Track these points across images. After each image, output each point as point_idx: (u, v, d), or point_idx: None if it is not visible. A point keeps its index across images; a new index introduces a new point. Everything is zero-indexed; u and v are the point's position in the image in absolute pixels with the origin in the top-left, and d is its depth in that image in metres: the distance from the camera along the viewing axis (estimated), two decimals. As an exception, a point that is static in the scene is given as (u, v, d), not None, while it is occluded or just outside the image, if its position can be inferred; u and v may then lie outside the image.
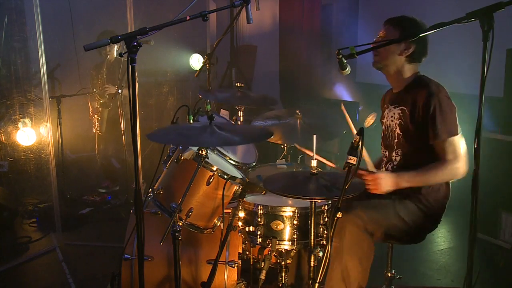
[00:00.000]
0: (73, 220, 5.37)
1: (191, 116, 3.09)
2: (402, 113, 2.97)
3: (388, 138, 3.12)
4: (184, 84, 7.51)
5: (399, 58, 2.97)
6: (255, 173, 3.50)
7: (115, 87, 5.79)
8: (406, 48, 2.94)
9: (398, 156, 3.04)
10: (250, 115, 4.44)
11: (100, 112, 5.94)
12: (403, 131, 2.98)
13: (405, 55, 2.95)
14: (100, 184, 6.30)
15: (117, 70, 5.92)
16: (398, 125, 3.00)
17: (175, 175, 2.88)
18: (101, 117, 5.98)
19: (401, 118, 2.98)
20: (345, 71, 2.67)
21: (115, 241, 4.59)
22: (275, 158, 3.83)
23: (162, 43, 6.09)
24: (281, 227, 2.83)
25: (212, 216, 2.87)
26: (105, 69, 5.88)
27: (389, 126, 3.09)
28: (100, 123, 6.00)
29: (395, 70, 3.01)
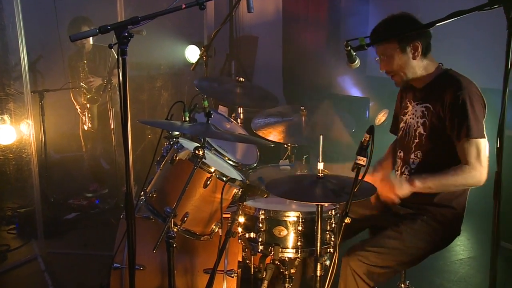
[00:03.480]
0: (57, 226, 5.37)
1: (187, 113, 3.10)
2: (427, 111, 2.95)
3: (406, 138, 3.09)
4: (179, 78, 7.51)
5: (415, 62, 2.94)
6: (256, 174, 3.51)
7: (101, 78, 5.77)
8: (414, 50, 2.92)
9: (417, 158, 3.00)
10: (250, 112, 4.45)
11: (89, 108, 5.94)
12: (426, 130, 2.95)
13: (419, 55, 2.93)
14: (87, 187, 6.31)
15: (98, 59, 5.90)
16: (422, 124, 2.97)
17: (170, 177, 2.89)
18: (92, 113, 5.97)
19: (425, 117, 2.96)
20: (354, 64, 2.68)
21: (103, 249, 4.60)
22: (277, 159, 3.84)
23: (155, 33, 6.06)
24: (285, 233, 2.84)
25: (210, 221, 2.88)
26: (85, 60, 5.85)
27: (410, 124, 3.07)
28: (91, 120, 5.99)
29: (417, 73, 2.98)
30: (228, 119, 4.05)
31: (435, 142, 2.93)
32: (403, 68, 2.95)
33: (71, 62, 6.01)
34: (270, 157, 4.77)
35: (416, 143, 3.01)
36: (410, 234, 2.89)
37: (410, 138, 3.05)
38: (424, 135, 2.96)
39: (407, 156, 3.07)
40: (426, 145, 2.96)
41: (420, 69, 2.97)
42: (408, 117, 3.10)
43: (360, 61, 2.66)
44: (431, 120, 2.92)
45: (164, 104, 7.24)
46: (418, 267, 2.98)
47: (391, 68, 2.97)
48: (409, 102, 3.12)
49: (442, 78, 2.96)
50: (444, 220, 2.95)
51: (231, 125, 4.01)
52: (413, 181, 2.79)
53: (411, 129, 3.06)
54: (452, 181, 2.79)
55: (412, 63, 2.94)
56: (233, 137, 3.23)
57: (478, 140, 2.75)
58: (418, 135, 2.99)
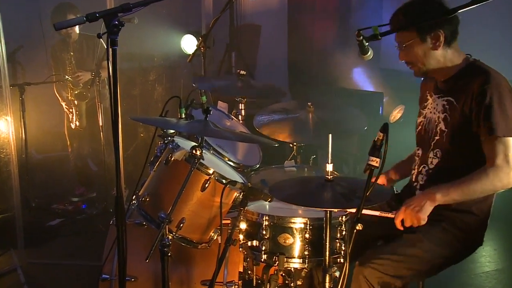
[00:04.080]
0: (39, 233, 5.36)
1: (183, 110, 3.11)
2: (449, 105, 2.92)
3: (426, 134, 3.06)
4: (175, 71, 7.52)
5: (436, 52, 2.90)
6: (259, 177, 3.52)
7: (90, 72, 5.76)
8: (436, 39, 2.87)
9: (436, 158, 2.98)
10: (253, 108, 4.46)
11: (76, 105, 5.93)
12: (448, 127, 2.91)
13: (441, 45, 2.88)
14: (73, 190, 6.31)
15: (85, 50, 5.89)
16: (443, 120, 2.94)
17: (164, 179, 2.90)
18: (80, 111, 5.97)
19: (446, 111, 2.92)
20: (367, 56, 2.68)
21: (91, 259, 4.60)
22: (282, 159, 3.85)
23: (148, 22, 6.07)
24: (290, 241, 2.84)
25: (208, 228, 2.89)
26: (71, 52, 5.84)
27: (431, 119, 3.03)
28: (79, 118, 5.98)
29: (438, 64, 2.94)
30: (228, 116, 4.05)
31: (458, 141, 2.89)
32: (422, 59, 2.92)
33: (55, 53, 5.99)
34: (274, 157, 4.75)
35: (436, 140, 2.97)
36: (428, 241, 2.88)
37: (430, 135, 3.02)
38: (445, 132, 2.92)
39: (426, 154, 3.04)
40: (447, 143, 2.92)
41: (443, 60, 2.93)
42: (427, 111, 3.07)
43: (373, 52, 2.67)
44: (454, 116, 2.88)
45: (158, 100, 7.25)
46: (439, 280, 2.97)
47: (409, 59, 2.95)
48: (429, 94, 3.09)
49: (467, 69, 2.92)
50: (465, 227, 2.93)
51: (231, 122, 4.02)
52: (433, 195, 2.75)
53: (431, 124, 3.02)
54: (478, 187, 2.74)
55: (433, 54, 2.90)
56: (233, 136, 3.23)
57: (506, 139, 2.71)
58: (439, 131, 2.96)
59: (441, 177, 2.88)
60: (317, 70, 7.70)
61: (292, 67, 8.17)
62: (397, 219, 2.78)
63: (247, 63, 7.63)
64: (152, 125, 3.14)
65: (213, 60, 7.75)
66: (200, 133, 2.92)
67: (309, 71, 7.75)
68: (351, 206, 2.45)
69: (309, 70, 7.76)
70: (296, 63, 8.07)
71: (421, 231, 2.88)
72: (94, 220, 5.70)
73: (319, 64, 7.65)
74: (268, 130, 3.66)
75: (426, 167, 3.03)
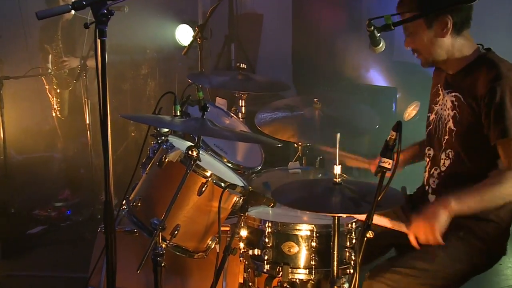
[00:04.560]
0: (19, 242, 5.37)
1: (178, 106, 3.12)
2: (457, 102, 2.92)
3: (436, 133, 3.06)
4: (169, 64, 7.53)
5: (443, 41, 2.89)
6: (261, 179, 3.52)
7: (78, 59, 5.75)
8: (443, 26, 2.86)
9: (448, 159, 2.98)
10: (254, 105, 4.47)
11: (58, 94, 5.92)
12: (457, 125, 2.91)
13: (448, 33, 2.87)
14: (57, 195, 6.31)
15: (77, 34, 5.87)
16: (452, 118, 2.94)
17: (157, 182, 2.91)
18: (61, 99, 5.96)
19: (455, 109, 2.92)
20: (378, 48, 2.69)
21: (76, 270, 4.60)
22: (286, 161, 3.85)
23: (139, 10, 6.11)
24: (295, 250, 2.85)
25: (205, 235, 2.91)
26: (59, 33, 5.83)
27: (441, 117, 3.03)
28: (60, 106, 5.97)
29: (446, 54, 2.93)
30: (228, 114, 4.07)
31: (468, 141, 2.88)
32: (427, 47, 2.92)
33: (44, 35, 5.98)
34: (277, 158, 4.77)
35: (446, 140, 2.97)
36: (445, 253, 2.87)
37: (441, 134, 3.02)
38: (454, 131, 2.92)
39: (438, 155, 3.04)
40: (457, 143, 2.92)
41: (451, 50, 2.92)
42: (439, 107, 3.07)
43: (385, 43, 2.67)
44: (463, 114, 2.88)
45: (151, 96, 7.26)
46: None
47: (415, 46, 2.95)
48: (441, 88, 3.09)
49: (477, 63, 2.90)
50: (485, 237, 2.92)
51: (230, 120, 4.03)
52: (448, 204, 2.70)
53: (441, 122, 3.02)
54: (497, 192, 2.71)
55: (440, 42, 2.89)
56: (233, 135, 3.24)
57: None
58: (448, 130, 2.96)
59: (454, 181, 2.90)
60: (324, 63, 7.69)
61: (297, 59, 8.17)
62: (411, 236, 2.72)
63: (248, 55, 7.64)
64: (144, 123, 3.16)
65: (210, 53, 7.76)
66: (197, 132, 2.93)
67: (316, 64, 7.74)
68: (361, 212, 2.45)
69: (316, 63, 7.74)
70: (301, 56, 8.06)
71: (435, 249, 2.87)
72: (80, 228, 5.71)
73: (327, 57, 7.65)
74: (270, 128, 3.66)
75: (438, 169, 3.04)
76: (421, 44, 2.92)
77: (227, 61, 7.67)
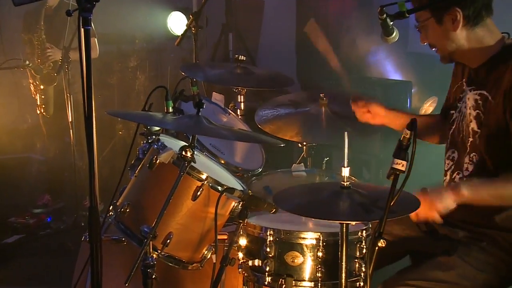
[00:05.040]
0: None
1: (171, 102, 3.13)
2: (482, 101, 2.90)
3: (460, 134, 3.05)
4: (160, 55, 7.54)
5: (456, 34, 2.89)
6: (261, 183, 3.53)
7: (61, 50, 5.74)
8: (452, 19, 2.85)
9: (472, 164, 2.96)
10: (254, 101, 4.48)
11: (42, 90, 5.92)
12: (481, 127, 2.90)
13: (459, 26, 2.86)
14: (35, 200, 6.31)
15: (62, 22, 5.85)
16: (475, 118, 2.93)
17: (148, 186, 2.92)
18: (46, 96, 5.95)
19: (479, 108, 2.91)
20: (391, 38, 2.70)
21: (57, 283, 4.62)
22: (290, 162, 3.86)
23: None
24: (300, 260, 2.85)
25: (200, 244, 2.91)
26: (42, 22, 5.82)
27: (464, 116, 3.02)
28: (45, 103, 5.96)
29: (462, 47, 2.93)
30: (225, 110, 4.07)
31: (494, 145, 2.86)
32: (441, 42, 2.94)
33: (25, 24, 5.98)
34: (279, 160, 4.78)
35: (470, 142, 2.95)
36: (466, 263, 2.87)
37: (464, 135, 3.01)
38: (478, 134, 2.91)
39: (461, 158, 3.02)
40: (481, 147, 2.90)
41: (466, 43, 2.91)
42: (462, 105, 3.05)
43: (398, 33, 2.68)
44: (488, 114, 2.86)
45: (140, 90, 7.27)
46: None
47: (430, 41, 2.98)
48: (465, 84, 3.07)
49: (502, 54, 2.88)
50: (510, 248, 2.91)
51: (228, 118, 4.04)
52: (458, 188, 2.72)
53: (465, 122, 3.01)
54: None
55: (452, 36, 2.90)
56: (231, 134, 3.24)
57: None
58: (471, 132, 2.94)
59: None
60: (331, 54, 7.70)
61: (302, 51, 8.17)
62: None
63: (247, 46, 7.65)
64: (133, 121, 3.16)
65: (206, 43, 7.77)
66: (191, 130, 2.94)
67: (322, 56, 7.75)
68: (372, 219, 2.46)
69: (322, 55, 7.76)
70: (306, 46, 8.06)
71: (458, 252, 2.88)
72: (62, 236, 5.72)
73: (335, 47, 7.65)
74: (272, 127, 3.67)
75: (461, 173, 3.02)
76: (434, 39, 2.95)
77: (225, 53, 7.68)
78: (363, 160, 6.12)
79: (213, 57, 7.65)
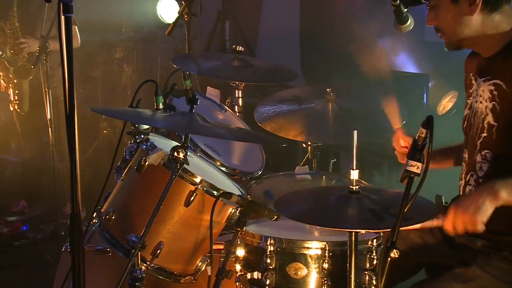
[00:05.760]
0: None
1: (161, 98, 3.14)
2: (498, 91, 2.91)
3: (471, 131, 3.07)
4: (149, 46, 7.55)
5: (471, 19, 2.90)
6: (261, 187, 3.55)
7: (38, 40, 5.74)
8: (471, 2, 2.86)
9: (486, 162, 2.97)
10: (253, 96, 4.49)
11: (16, 84, 5.92)
12: (499, 120, 2.90)
13: (476, 10, 2.87)
14: (9, 207, 6.29)
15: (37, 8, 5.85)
16: (491, 110, 2.93)
17: (136, 190, 2.94)
18: (20, 91, 5.95)
19: (495, 99, 2.92)
20: (405, 26, 2.71)
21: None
22: (293, 165, 3.88)
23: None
24: (303, 273, 2.86)
25: (194, 255, 2.93)
26: (15, 7, 5.81)
27: (476, 111, 3.04)
28: (19, 99, 5.96)
29: (476, 34, 2.94)
30: (221, 107, 4.09)
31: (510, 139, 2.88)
32: (452, 26, 2.94)
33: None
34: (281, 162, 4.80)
35: (483, 138, 2.97)
36: (488, 274, 2.88)
37: (477, 131, 3.02)
38: (495, 127, 2.92)
39: (473, 158, 3.04)
40: (498, 141, 2.91)
41: (481, 29, 2.92)
42: (472, 100, 3.08)
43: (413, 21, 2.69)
44: (505, 105, 2.87)
45: (127, 85, 7.28)
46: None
47: (438, 24, 2.98)
48: (473, 77, 3.10)
49: None
50: None
51: (225, 115, 4.05)
52: (494, 192, 2.66)
53: (477, 117, 3.02)
54: None
55: (466, 20, 2.91)
56: (228, 133, 3.26)
57: None
58: (486, 126, 2.95)
59: None
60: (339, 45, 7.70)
61: (306, 40, 8.19)
62: (447, 222, 2.68)
63: (246, 35, 7.67)
64: (119, 118, 3.17)
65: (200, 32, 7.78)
66: (184, 129, 2.95)
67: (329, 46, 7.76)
68: (384, 227, 2.47)
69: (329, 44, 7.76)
70: (311, 36, 8.08)
71: (477, 262, 2.89)
72: (40, 247, 5.71)
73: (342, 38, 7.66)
74: (274, 125, 3.69)
75: (475, 175, 3.03)
76: (444, 21, 2.95)
77: (221, 43, 7.70)
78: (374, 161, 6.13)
79: (207, 47, 7.66)
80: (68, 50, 2.28)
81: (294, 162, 4.00)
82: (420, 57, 7.13)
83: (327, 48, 7.81)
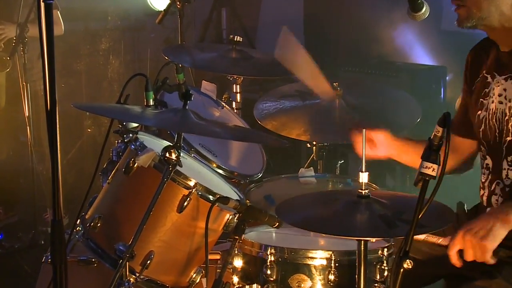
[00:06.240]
0: None
1: (152, 93, 3.14)
2: None
3: (493, 135, 3.05)
4: (138, 36, 7.55)
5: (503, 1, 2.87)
6: (261, 191, 3.55)
7: (15, 25, 5.73)
8: None
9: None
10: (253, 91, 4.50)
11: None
12: None
13: None
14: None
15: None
16: None
17: (124, 195, 2.95)
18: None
19: None
20: (420, 14, 2.72)
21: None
22: (296, 166, 3.88)
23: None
24: (307, 285, 2.87)
25: (188, 266, 2.93)
26: None
27: (496, 112, 3.02)
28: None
29: (501, 18, 2.90)
30: (217, 103, 4.09)
31: None
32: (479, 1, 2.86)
33: None
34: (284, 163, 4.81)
35: (508, 142, 2.94)
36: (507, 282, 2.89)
37: (500, 135, 2.99)
38: None
39: (498, 164, 3.01)
40: None
41: (509, 14, 2.87)
42: (489, 101, 3.05)
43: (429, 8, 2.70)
44: None
45: (114, 79, 7.28)
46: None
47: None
48: (490, 75, 3.07)
49: None
50: None
51: (221, 112, 4.06)
52: (507, 214, 2.68)
53: (499, 119, 2.99)
54: None
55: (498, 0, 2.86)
56: (225, 132, 3.27)
57: None
58: (511, 129, 2.93)
59: None
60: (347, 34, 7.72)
61: (311, 30, 8.19)
62: (452, 249, 2.67)
63: (245, 24, 7.67)
64: (105, 116, 3.18)
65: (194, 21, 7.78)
66: (176, 127, 2.95)
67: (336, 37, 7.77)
68: (396, 234, 2.47)
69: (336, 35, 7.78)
70: (316, 24, 8.09)
71: (501, 271, 2.89)
72: (17, 257, 5.71)
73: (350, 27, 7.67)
74: (275, 123, 3.69)
75: (501, 183, 3.01)
76: None
77: (217, 32, 7.70)
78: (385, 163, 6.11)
79: (202, 37, 7.67)
80: (49, 40, 2.27)
81: (297, 163, 4.01)
82: (437, 48, 7.13)
83: (334, 38, 7.81)
